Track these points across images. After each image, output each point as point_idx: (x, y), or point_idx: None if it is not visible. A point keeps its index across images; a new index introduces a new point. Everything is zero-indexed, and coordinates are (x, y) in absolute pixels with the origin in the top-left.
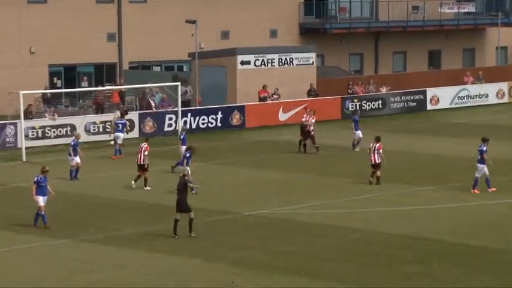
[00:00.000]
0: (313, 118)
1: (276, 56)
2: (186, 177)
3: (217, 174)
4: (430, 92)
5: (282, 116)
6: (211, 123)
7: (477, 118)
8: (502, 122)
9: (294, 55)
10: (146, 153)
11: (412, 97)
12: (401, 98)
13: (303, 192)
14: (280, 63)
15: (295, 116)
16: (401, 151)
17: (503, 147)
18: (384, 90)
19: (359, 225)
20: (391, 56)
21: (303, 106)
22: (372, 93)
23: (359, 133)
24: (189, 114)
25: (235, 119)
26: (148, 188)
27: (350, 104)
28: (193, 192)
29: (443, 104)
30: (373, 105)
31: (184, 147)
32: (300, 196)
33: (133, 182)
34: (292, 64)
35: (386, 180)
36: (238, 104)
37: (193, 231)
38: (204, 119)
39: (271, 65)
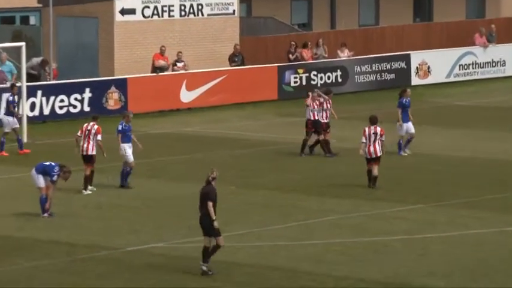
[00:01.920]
0: (328, 102)
1: (176, 2)
2: (213, 182)
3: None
4: (417, 57)
5: (186, 96)
6: (75, 106)
7: (487, 99)
8: None
9: (204, 0)
10: (99, 137)
11: (388, 65)
12: (371, 68)
13: (223, 215)
14: (184, 13)
15: (207, 97)
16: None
17: None
18: (344, 54)
19: (306, 267)
20: (356, 2)
21: (312, 94)
22: (326, 60)
23: (410, 126)
24: (39, 93)
25: (113, 100)
26: (88, 191)
27: (292, 76)
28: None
29: (437, 76)
30: (328, 78)
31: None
32: (219, 221)
33: (89, 187)
34: (202, 14)
35: (351, 195)
36: (117, 77)
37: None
38: (62, 101)
39: (170, 16)
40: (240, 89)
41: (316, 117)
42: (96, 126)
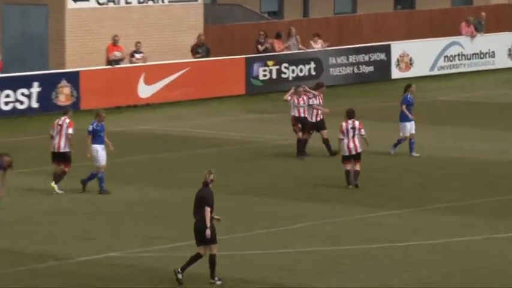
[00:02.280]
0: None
1: None
2: (210, 185)
3: (30, 193)
4: (397, 48)
5: (144, 91)
6: (22, 102)
7: (476, 93)
8: None
9: None
10: (71, 131)
11: (366, 57)
12: (347, 59)
13: (185, 221)
14: (142, 0)
15: (167, 92)
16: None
17: None
18: (318, 45)
19: (277, 279)
20: None
21: (297, 88)
22: (298, 51)
23: (412, 126)
24: None
25: (64, 95)
26: (59, 191)
27: (261, 68)
28: None
29: (420, 69)
30: (301, 71)
31: None
32: (180, 228)
33: (53, 184)
34: (163, 0)
35: (327, 199)
36: (68, 70)
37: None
38: (8, 96)
39: (126, 2)
40: (204, 83)
41: (303, 114)
42: (68, 121)
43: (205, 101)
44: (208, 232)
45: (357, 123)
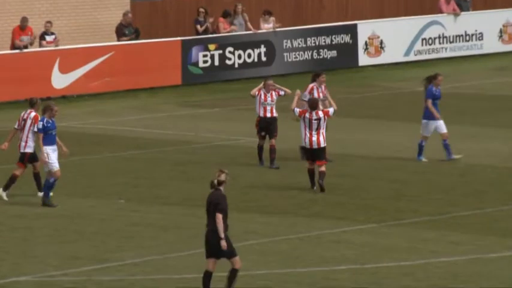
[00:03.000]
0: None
1: None
2: (222, 187)
3: None
4: (365, 29)
5: (59, 80)
6: None
7: (460, 84)
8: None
9: None
10: (36, 129)
11: (328, 40)
12: (305, 43)
13: (109, 239)
14: None
15: (87, 81)
16: None
17: None
18: (270, 25)
19: None
20: None
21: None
22: (245, 32)
23: (441, 125)
24: None
25: None
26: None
27: (200, 53)
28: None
29: (392, 53)
30: (249, 56)
31: None
32: (105, 246)
33: (2, 191)
34: None
35: (282, 211)
36: None
37: None
38: None
39: None
40: (131, 71)
41: (270, 114)
42: (33, 114)
43: (133, 93)
44: (223, 243)
45: (321, 114)
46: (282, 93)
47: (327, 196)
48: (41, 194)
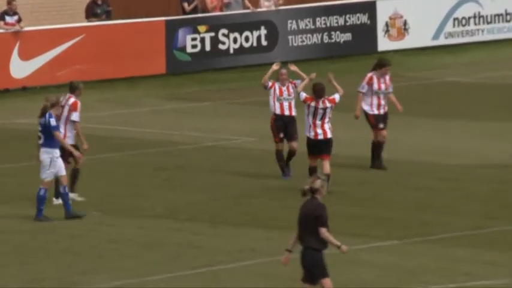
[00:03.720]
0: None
1: None
2: (319, 195)
3: None
4: (386, 7)
5: (19, 69)
6: None
7: (498, 72)
8: None
9: None
10: (76, 117)
11: (341, 20)
12: (314, 23)
13: (80, 259)
14: None
15: (52, 70)
16: None
17: None
18: (271, 2)
19: None
20: None
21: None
22: (242, 11)
23: None
24: None
25: None
26: (78, 197)
27: (189, 36)
28: None
29: (418, 37)
30: (246, 39)
31: None
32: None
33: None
34: None
35: (283, 224)
36: None
37: None
38: None
39: None
40: (106, 58)
41: (288, 112)
42: (72, 100)
43: (109, 84)
44: (344, 247)
45: (328, 103)
46: (298, 82)
47: (340, 207)
48: (73, 194)
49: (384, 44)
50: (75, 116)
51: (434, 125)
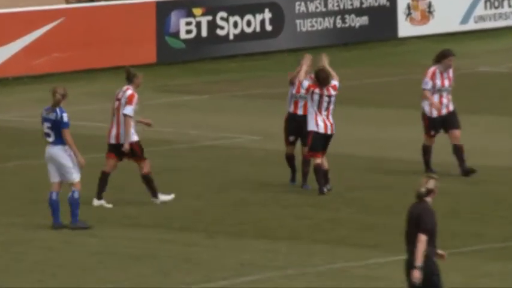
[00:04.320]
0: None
1: None
2: (430, 198)
3: None
4: None
5: None
6: None
7: None
8: None
9: None
10: (129, 110)
11: (357, 2)
12: (325, 5)
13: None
14: None
15: (28, 59)
16: (338, 154)
17: None
18: None
19: None
20: None
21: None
22: None
23: None
24: None
25: None
26: (165, 197)
27: (182, 20)
28: None
29: (446, 21)
30: (248, 24)
31: None
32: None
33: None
34: None
35: (291, 235)
36: None
37: None
38: None
39: None
40: (88, 45)
41: (302, 111)
42: (129, 92)
43: (92, 75)
44: (416, 274)
45: (332, 90)
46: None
47: (354, 216)
48: (98, 202)
49: (406, 29)
50: (128, 110)
51: (463, 122)
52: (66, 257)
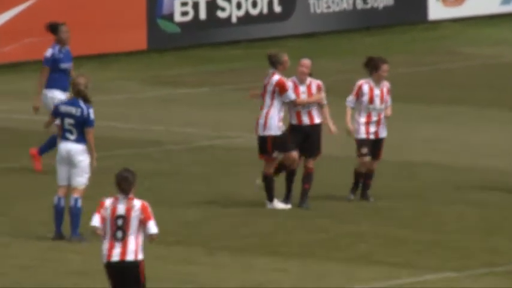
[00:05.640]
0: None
1: None
2: None
3: None
4: None
5: None
6: None
7: None
8: None
9: None
10: (291, 96)
11: None
12: None
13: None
14: None
15: None
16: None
17: None
18: None
19: None
20: None
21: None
22: None
23: None
24: None
25: None
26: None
27: (178, 0)
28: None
29: (483, 2)
30: (254, 5)
31: None
32: None
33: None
34: None
35: (308, 250)
36: None
37: None
38: None
39: None
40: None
41: (308, 120)
42: (276, 78)
43: (75, 63)
44: None
45: (385, 89)
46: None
47: (378, 229)
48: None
49: (437, 10)
50: (289, 95)
51: (504, 119)
52: (41, 278)
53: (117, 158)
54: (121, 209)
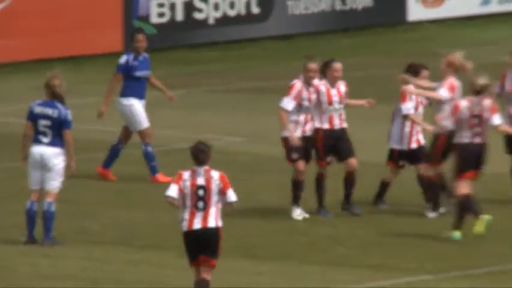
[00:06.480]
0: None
1: None
2: None
3: None
4: None
5: None
6: None
7: None
8: None
9: None
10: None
11: None
12: None
13: None
14: None
15: None
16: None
17: None
18: None
19: None
20: None
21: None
22: None
23: None
24: None
25: None
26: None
27: (154, 1)
28: None
29: (463, 2)
30: (231, 6)
31: None
32: None
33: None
34: None
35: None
36: None
37: None
38: None
39: None
40: (42, 31)
41: (322, 126)
42: (487, 103)
43: (45, 66)
44: None
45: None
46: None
47: (354, 231)
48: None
49: (416, 11)
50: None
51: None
52: (14, 282)
53: (94, 161)
54: (200, 180)
